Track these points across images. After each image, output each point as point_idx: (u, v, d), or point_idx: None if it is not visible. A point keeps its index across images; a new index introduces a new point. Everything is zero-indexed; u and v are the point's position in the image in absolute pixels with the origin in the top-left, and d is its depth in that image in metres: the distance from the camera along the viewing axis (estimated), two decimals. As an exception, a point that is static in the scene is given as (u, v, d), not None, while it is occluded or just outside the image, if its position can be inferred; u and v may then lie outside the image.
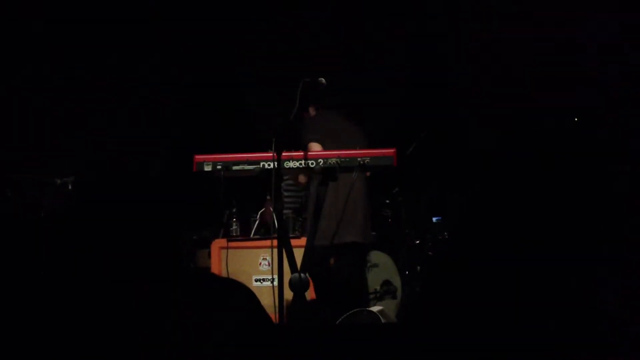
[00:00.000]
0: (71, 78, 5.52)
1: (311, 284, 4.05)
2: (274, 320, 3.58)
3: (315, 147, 4.26)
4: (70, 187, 4.40)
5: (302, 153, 3.81)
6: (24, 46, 5.40)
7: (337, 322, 3.98)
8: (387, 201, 5.40)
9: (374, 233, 5.31)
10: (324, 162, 3.76)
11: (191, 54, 6.01)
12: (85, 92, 5.58)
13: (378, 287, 4.92)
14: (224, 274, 4.31)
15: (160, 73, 5.85)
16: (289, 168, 3.77)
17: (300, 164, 3.75)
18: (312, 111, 4.49)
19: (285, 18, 6.07)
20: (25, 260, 4.10)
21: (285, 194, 5.19)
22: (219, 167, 3.77)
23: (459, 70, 5.76)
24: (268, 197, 5.03)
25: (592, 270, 1.86)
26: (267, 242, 4.61)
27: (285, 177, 4.87)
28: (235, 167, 3.77)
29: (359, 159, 3.74)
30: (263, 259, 4.80)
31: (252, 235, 5.19)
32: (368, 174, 4.32)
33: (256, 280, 4.82)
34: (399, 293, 4.94)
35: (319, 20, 6.00)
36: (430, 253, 5.23)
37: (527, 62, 5.33)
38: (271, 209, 4.63)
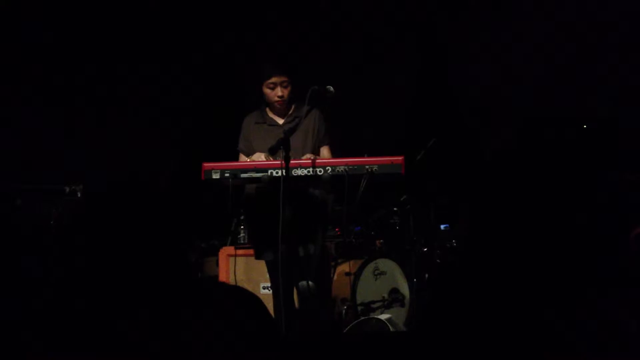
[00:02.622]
0: (80, 87, 5.54)
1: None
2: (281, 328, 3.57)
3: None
4: (79, 195, 4.42)
5: (310, 160, 3.81)
6: (34, 54, 5.43)
7: (345, 330, 3.97)
8: (395, 209, 5.40)
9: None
10: (332, 169, 3.76)
11: (199, 62, 6.03)
12: (94, 100, 5.60)
13: (386, 295, 4.91)
14: (231, 281, 4.31)
15: (169, 81, 5.87)
16: (297, 176, 3.77)
17: (309, 171, 3.75)
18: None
19: (292, 25, 6.09)
20: (34, 268, 4.11)
21: None
22: (227, 175, 3.78)
23: (467, 76, 5.76)
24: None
25: (604, 279, 1.85)
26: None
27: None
28: (243, 175, 3.78)
29: (367, 167, 3.73)
30: (271, 266, 4.79)
31: (260, 243, 5.17)
32: None
33: (264, 288, 4.81)
34: (407, 301, 4.92)
35: (326, 28, 6.02)
36: (438, 261, 5.21)
37: (537, 67, 5.32)
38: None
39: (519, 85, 5.39)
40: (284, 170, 3.55)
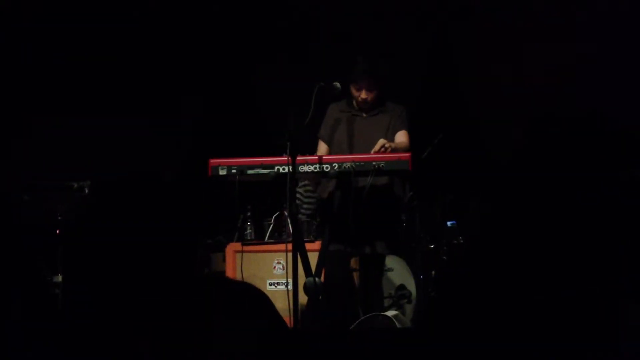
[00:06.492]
0: (86, 81, 5.56)
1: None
2: (288, 324, 3.58)
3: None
4: (86, 191, 4.43)
5: (316, 157, 3.81)
6: (39, 50, 5.44)
7: (352, 326, 3.97)
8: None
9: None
10: (338, 166, 3.76)
11: (205, 58, 6.03)
12: (100, 96, 5.61)
13: (393, 292, 4.91)
14: (238, 277, 4.32)
15: (174, 78, 5.88)
16: (304, 172, 3.77)
17: (315, 168, 3.75)
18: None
19: (299, 22, 6.08)
20: (42, 264, 4.13)
21: (303, 199, 5.15)
22: (233, 171, 3.78)
23: (475, 73, 5.74)
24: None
25: (613, 277, 1.85)
26: (282, 246, 4.61)
27: (302, 184, 4.87)
28: (250, 171, 3.78)
29: (373, 163, 3.73)
30: (277, 262, 4.80)
31: (266, 239, 5.19)
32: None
33: (270, 284, 4.82)
34: (413, 297, 4.92)
35: (334, 24, 6.01)
36: (444, 258, 5.21)
37: (544, 65, 5.31)
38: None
39: (526, 83, 5.37)
40: (290, 167, 3.56)
